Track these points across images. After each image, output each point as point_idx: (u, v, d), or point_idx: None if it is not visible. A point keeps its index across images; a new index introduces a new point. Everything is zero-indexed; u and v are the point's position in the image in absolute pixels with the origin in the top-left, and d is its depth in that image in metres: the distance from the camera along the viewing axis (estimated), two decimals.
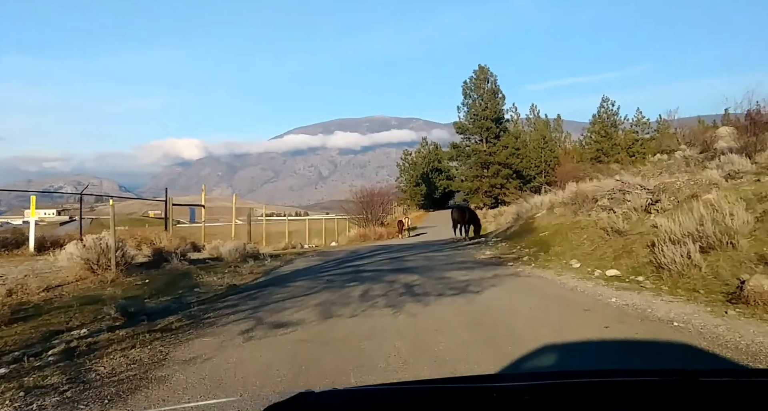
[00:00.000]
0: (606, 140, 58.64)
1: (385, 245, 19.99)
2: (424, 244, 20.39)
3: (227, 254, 12.60)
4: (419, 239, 28.78)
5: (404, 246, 18.50)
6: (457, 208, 21.35)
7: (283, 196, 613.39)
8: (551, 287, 7.49)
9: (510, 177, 54.47)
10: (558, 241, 11.89)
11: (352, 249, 17.21)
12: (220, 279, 9.33)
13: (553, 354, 4.15)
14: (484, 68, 55.28)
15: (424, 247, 16.83)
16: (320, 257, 13.80)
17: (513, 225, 18.57)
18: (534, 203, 19.85)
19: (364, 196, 39.35)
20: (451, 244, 18.80)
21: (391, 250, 15.64)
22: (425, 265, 10.73)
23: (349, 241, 31.15)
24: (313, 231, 37.29)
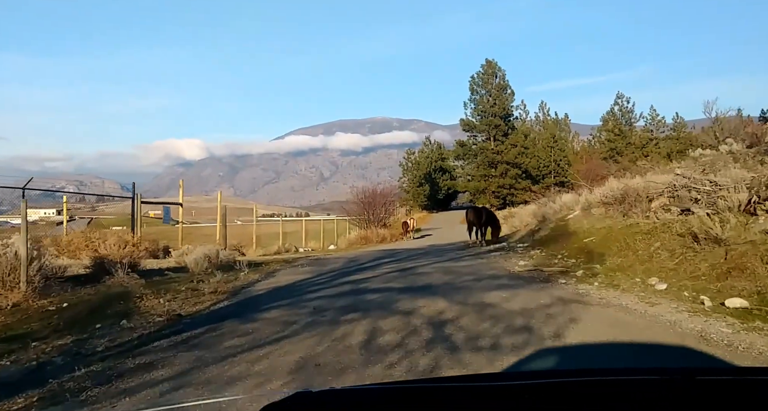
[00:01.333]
0: (620, 139, 55.92)
1: (389, 250, 17.37)
2: (435, 249, 17.77)
3: (193, 263, 9.98)
4: (426, 242, 26.16)
5: (413, 251, 15.87)
6: (473, 209, 18.72)
7: (284, 197, 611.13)
8: (658, 329, 4.78)
9: (519, 177, 51.78)
10: (614, 249, 9.25)
11: (352, 255, 14.57)
12: (167, 303, 6.71)
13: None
14: (492, 63, 52.63)
15: (437, 254, 14.22)
16: (312, 267, 11.16)
17: (539, 227, 15.92)
18: (563, 203, 17.22)
19: (365, 196, 36.67)
20: (467, 249, 16.18)
21: (399, 257, 13.02)
22: (448, 281, 8.10)
23: (349, 244, 28.52)
24: (312, 232, 34.67)
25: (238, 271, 10.12)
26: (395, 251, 16.55)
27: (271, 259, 14.08)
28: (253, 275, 9.76)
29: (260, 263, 12.12)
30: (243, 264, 10.46)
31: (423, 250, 16.90)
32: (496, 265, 10.28)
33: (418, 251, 16.13)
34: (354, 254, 15.65)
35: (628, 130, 55.95)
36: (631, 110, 55.89)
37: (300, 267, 11.28)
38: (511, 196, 51.84)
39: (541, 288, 7.22)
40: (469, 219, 17.99)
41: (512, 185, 51.43)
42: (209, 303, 6.73)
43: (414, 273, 9.34)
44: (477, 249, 15.85)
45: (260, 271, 10.38)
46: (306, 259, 14.00)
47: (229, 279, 9.14)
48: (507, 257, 11.61)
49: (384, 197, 37.61)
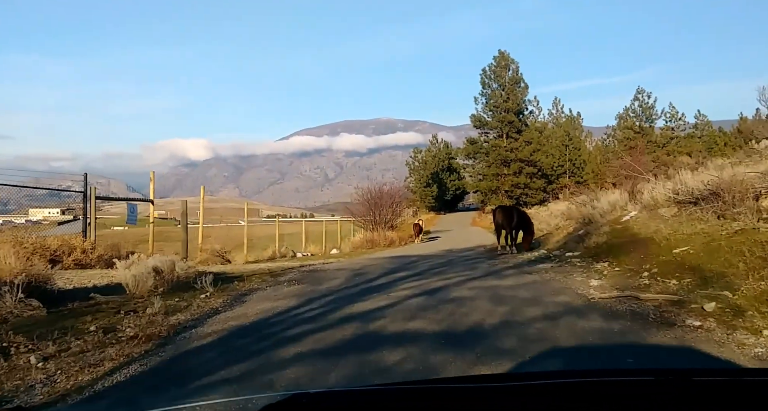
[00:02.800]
0: (639, 137, 52.79)
1: (402, 257, 14.47)
2: (455, 256, 14.87)
3: (133, 282, 7.08)
4: (439, 246, 23.27)
5: (431, 260, 12.97)
6: (502, 209, 15.78)
7: (289, 198, 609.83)
8: None
9: (533, 176, 48.72)
10: (740, 267, 6.32)
11: (357, 266, 11.66)
12: (34, 370, 3.83)
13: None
14: (504, 54, 49.64)
15: (463, 264, 11.31)
16: (303, 286, 8.19)
17: (586, 231, 12.95)
18: (611, 202, 14.28)
19: (371, 197, 33.70)
20: (498, 257, 13.27)
21: (417, 270, 10.10)
22: (507, 318, 5.15)
23: (354, 247, 25.64)
24: (315, 234, 31.85)
25: (197, 293, 7.24)
26: (409, 259, 13.64)
27: (256, 270, 11.19)
28: (216, 300, 6.85)
29: (237, 277, 9.22)
30: (207, 281, 7.55)
31: (442, 258, 13.98)
32: (558, 286, 7.34)
33: (437, 259, 13.21)
34: (360, 263, 12.74)
35: (649, 128, 52.82)
36: (652, 106, 52.69)
37: (287, 285, 8.35)
38: (525, 197, 48.82)
39: (674, 339, 4.29)
40: (498, 221, 15.05)
41: (526, 185, 48.38)
42: (105, 370, 3.84)
43: (447, 300, 6.39)
44: (511, 258, 12.91)
45: (229, 292, 7.47)
46: (300, 270, 11.09)
47: (177, 307, 6.25)
48: (564, 272, 8.66)
49: (391, 197, 34.69)
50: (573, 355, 3.94)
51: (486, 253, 16.90)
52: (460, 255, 15.78)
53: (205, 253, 15.08)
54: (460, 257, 14.37)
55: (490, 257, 13.72)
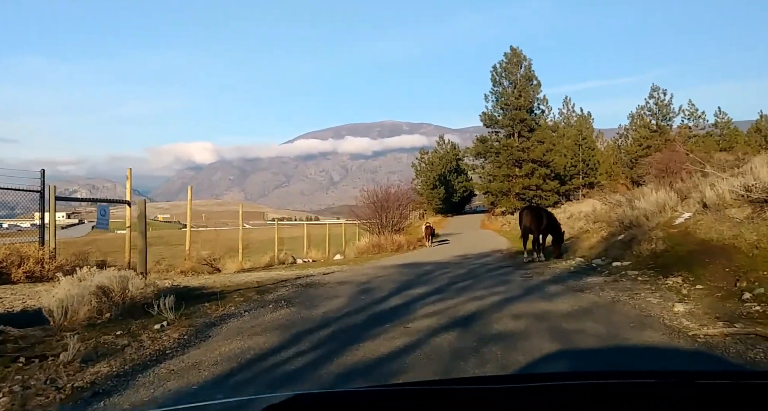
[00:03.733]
0: (656, 136, 50.74)
1: (414, 266, 12.62)
2: (476, 263, 13.02)
3: (58, 308, 5.25)
4: (452, 251, 21.46)
5: (450, 269, 11.10)
6: (531, 211, 13.92)
7: (294, 201, 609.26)
8: None
9: (547, 177, 46.72)
10: None
11: (362, 277, 9.84)
12: None
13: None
14: (516, 51, 47.75)
15: (489, 275, 9.48)
16: (293, 310, 6.30)
17: (632, 237, 11.05)
18: (656, 201, 12.39)
19: (378, 198, 31.82)
20: (528, 266, 11.41)
21: (437, 285, 8.25)
22: None
23: (359, 252, 23.81)
24: (319, 238, 30.08)
25: (152, 321, 5.42)
26: (422, 268, 11.79)
27: (243, 282, 9.36)
28: (171, 334, 5.01)
29: (214, 295, 7.38)
30: (167, 304, 5.73)
31: (461, 267, 12.11)
32: (632, 312, 5.45)
33: (456, 269, 11.33)
34: (366, 273, 10.89)
35: (666, 126, 50.72)
36: (669, 104, 50.57)
37: (273, 307, 6.49)
38: (537, 198, 46.80)
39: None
40: (526, 224, 13.18)
41: (539, 186, 46.38)
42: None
43: (490, 337, 4.52)
44: (543, 267, 11.02)
45: (193, 320, 5.64)
46: (295, 283, 9.24)
47: (111, 347, 4.42)
48: (626, 290, 6.77)
49: (398, 199, 32.80)
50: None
51: (507, 260, 15.04)
52: (479, 262, 13.92)
53: (190, 260, 13.29)
54: (481, 265, 12.50)
55: (516, 266, 11.85)
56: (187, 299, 6.85)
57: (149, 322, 5.47)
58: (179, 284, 8.59)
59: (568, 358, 3.92)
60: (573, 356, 3.95)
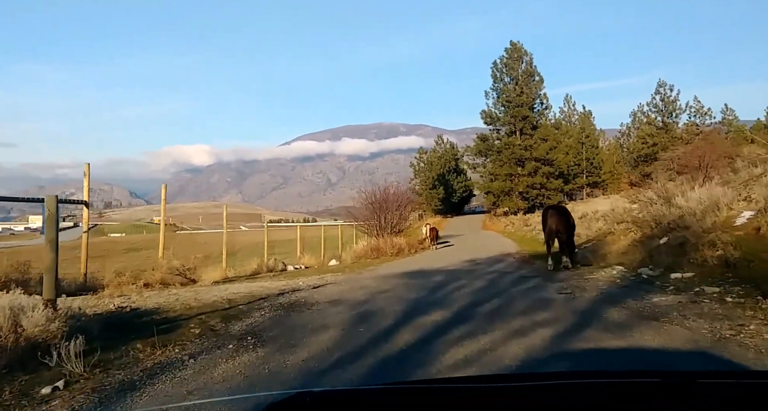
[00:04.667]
0: (663, 133, 49.01)
1: (421, 275, 10.83)
2: (492, 271, 11.23)
3: None
4: (457, 255, 19.67)
5: (470, 284, 9.25)
6: (558, 210, 12.11)
7: (291, 203, 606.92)
8: None
9: (551, 176, 44.90)
10: None
11: (361, 296, 7.97)
12: None
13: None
14: (517, 45, 45.99)
15: (517, 289, 7.68)
16: (259, 354, 4.40)
17: (685, 241, 9.24)
18: (701, 198, 10.62)
19: (376, 199, 29.91)
20: (558, 277, 9.61)
21: (456, 307, 6.42)
22: None
23: (357, 257, 21.95)
24: (315, 240, 28.24)
25: (43, 377, 3.60)
26: (432, 278, 9.99)
27: (211, 302, 7.51)
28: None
29: (164, 323, 5.56)
30: (72, 351, 3.89)
31: (476, 276, 10.30)
32: (764, 362, 3.65)
33: (472, 279, 9.52)
34: (365, 286, 9.06)
35: (673, 124, 48.95)
36: (675, 100, 48.80)
37: (233, 349, 4.60)
38: (541, 198, 45.00)
39: None
40: (552, 226, 11.37)
41: (543, 185, 44.53)
42: None
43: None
44: (577, 278, 9.20)
45: (108, 376, 3.81)
46: (275, 302, 7.41)
47: None
48: (722, 319, 4.96)
49: (398, 199, 30.90)
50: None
51: (526, 267, 13.21)
52: (494, 270, 12.10)
53: (159, 271, 11.44)
54: (499, 274, 10.69)
55: (543, 276, 10.02)
56: (123, 332, 5.05)
57: (40, 380, 3.64)
58: (127, 306, 6.75)
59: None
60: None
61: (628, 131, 64.20)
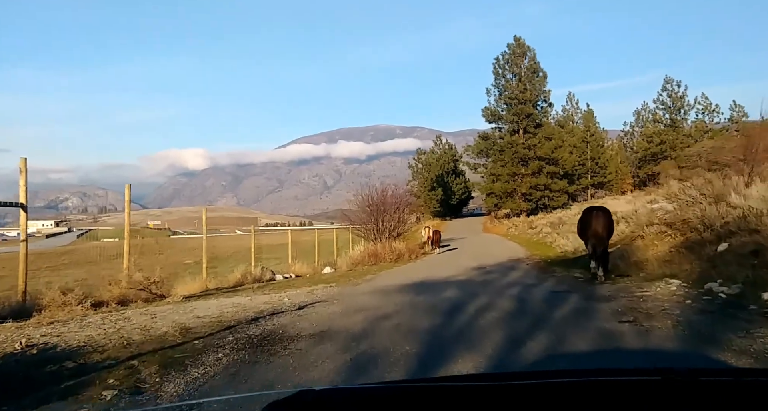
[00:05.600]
0: (670, 131, 47.39)
1: (428, 288, 9.07)
2: (511, 282, 9.46)
3: None
4: (462, 261, 17.92)
5: (494, 304, 7.37)
6: (604, 212, 10.23)
7: (288, 206, 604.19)
8: None
9: (555, 176, 43.17)
10: None
11: (358, 322, 6.19)
12: None
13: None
14: (520, 41, 44.32)
15: (564, 316, 5.89)
16: None
17: (758, 248, 7.46)
18: (765, 197, 8.85)
19: (373, 201, 27.95)
20: (594, 289, 7.83)
21: (487, 345, 4.61)
22: None
23: (353, 263, 20.14)
24: (309, 245, 26.48)
25: None
26: (445, 294, 8.18)
27: (160, 334, 5.69)
28: None
29: (77, 374, 3.76)
30: None
31: (498, 291, 8.49)
32: None
33: (496, 298, 7.69)
34: (361, 310, 7.19)
35: (681, 120, 47.29)
36: (683, 96, 47.15)
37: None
38: (545, 199, 43.30)
39: None
40: (597, 230, 9.60)
41: (547, 185, 42.78)
42: None
43: None
44: (631, 295, 7.37)
45: None
46: (242, 336, 5.58)
47: None
48: None
49: (397, 201, 28.98)
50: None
51: (545, 276, 11.39)
52: (513, 281, 10.31)
53: (117, 286, 9.60)
54: (523, 288, 8.88)
55: (578, 290, 8.21)
56: (4, 393, 3.22)
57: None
58: (41, 344, 4.93)
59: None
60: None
61: (632, 131, 62.64)
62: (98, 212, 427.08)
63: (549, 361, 4.03)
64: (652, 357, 4.09)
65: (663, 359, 4.00)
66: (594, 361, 4.05)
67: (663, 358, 4.05)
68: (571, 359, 4.08)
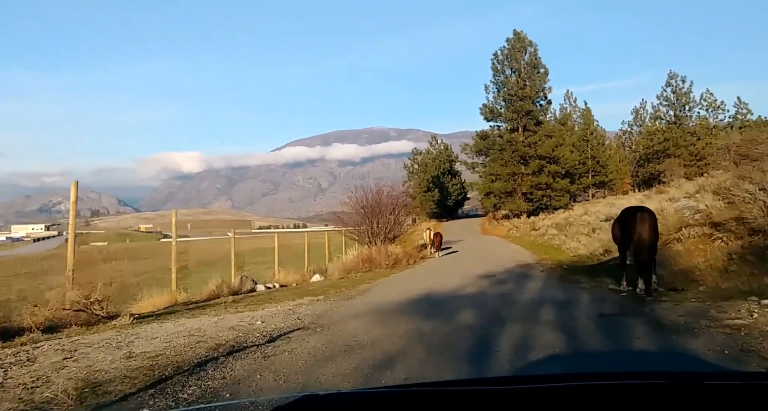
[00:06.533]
0: (675, 128, 45.73)
1: (436, 306, 7.29)
2: (535, 296, 7.62)
3: None
4: (466, 267, 16.22)
5: (533, 334, 5.50)
6: (648, 213, 8.36)
7: (282, 209, 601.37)
8: None
9: (557, 175, 41.39)
10: None
11: (342, 374, 4.13)
12: None
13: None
14: (521, 35, 42.56)
15: (639, 355, 4.05)
16: None
17: None
18: None
19: (368, 202, 25.90)
20: (650, 307, 5.99)
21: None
22: None
23: (346, 270, 18.23)
24: (299, 250, 24.54)
25: None
26: (461, 317, 6.37)
27: (50, 396, 3.81)
28: None
29: None
30: None
31: (533, 312, 6.64)
32: None
33: (537, 327, 5.80)
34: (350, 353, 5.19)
35: (686, 117, 45.62)
36: (688, 91, 45.46)
37: None
38: (547, 199, 41.44)
39: None
40: (644, 235, 7.77)
41: (549, 185, 40.94)
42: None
43: None
44: (708, 321, 5.47)
45: None
46: (170, 396, 3.65)
47: None
48: None
49: (394, 202, 26.98)
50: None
51: (570, 288, 9.53)
52: (539, 297, 8.43)
53: (44, 309, 7.62)
54: (554, 307, 7.02)
55: (631, 312, 6.34)
56: None
57: None
58: None
59: None
60: None
61: (630, 130, 61.04)
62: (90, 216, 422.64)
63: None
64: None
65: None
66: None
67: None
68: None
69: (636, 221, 7.99)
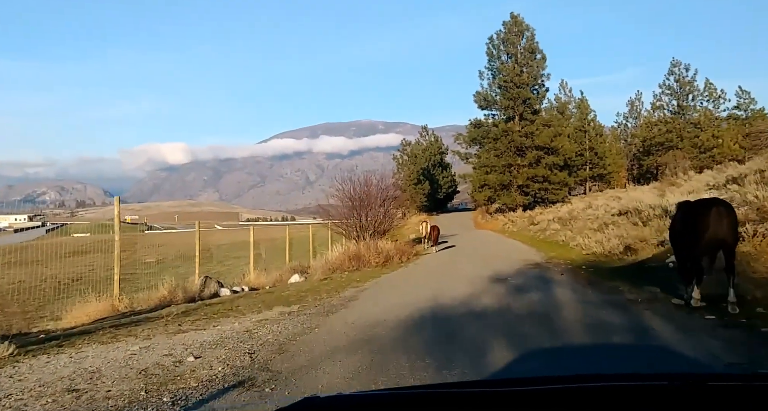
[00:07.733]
0: (678, 119, 43.79)
1: (443, 328, 5.18)
2: (585, 313, 5.46)
3: None
4: (468, 266, 14.12)
5: None
6: (725, 206, 6.12)
7: (269, 201, 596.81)
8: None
9: (554, 166, 39.27)
10: None
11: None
12: None
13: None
14: (517, 19, 40.28)
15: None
16: None
17: None
18: None
19: (356, 193, 23.41)
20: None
21: None
22: None
23: (330, 269, 15.90)
24: (279, 245, 22.22)
25: None
26: (492, 354, 4.08)
27: None
28: None
29: None
30: None
31: (609, 355, 4.42)
32: None
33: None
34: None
35: (690, 107, 43.67)
36: (692, 80, 43.46)
37: None
38: (544, 192, 39.29)
39: None
40: (719, 233, 5.61)
41: (546, 177, 38.76)
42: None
43: None
44: None
45: None
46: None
47: None
48: None
49: (384, 193, 24.55)
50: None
51: (610, 297, 7.30)
52: (579, 314, 6.20)
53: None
54: (623, 334, 4.82)
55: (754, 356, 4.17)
56: None
57: None
58: None
59: None
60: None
61: (625, 122, 59.16)
62: (75, 206, 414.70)
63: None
64: None
65: None
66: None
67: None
68: None
69: (710, 218, 5.78)
